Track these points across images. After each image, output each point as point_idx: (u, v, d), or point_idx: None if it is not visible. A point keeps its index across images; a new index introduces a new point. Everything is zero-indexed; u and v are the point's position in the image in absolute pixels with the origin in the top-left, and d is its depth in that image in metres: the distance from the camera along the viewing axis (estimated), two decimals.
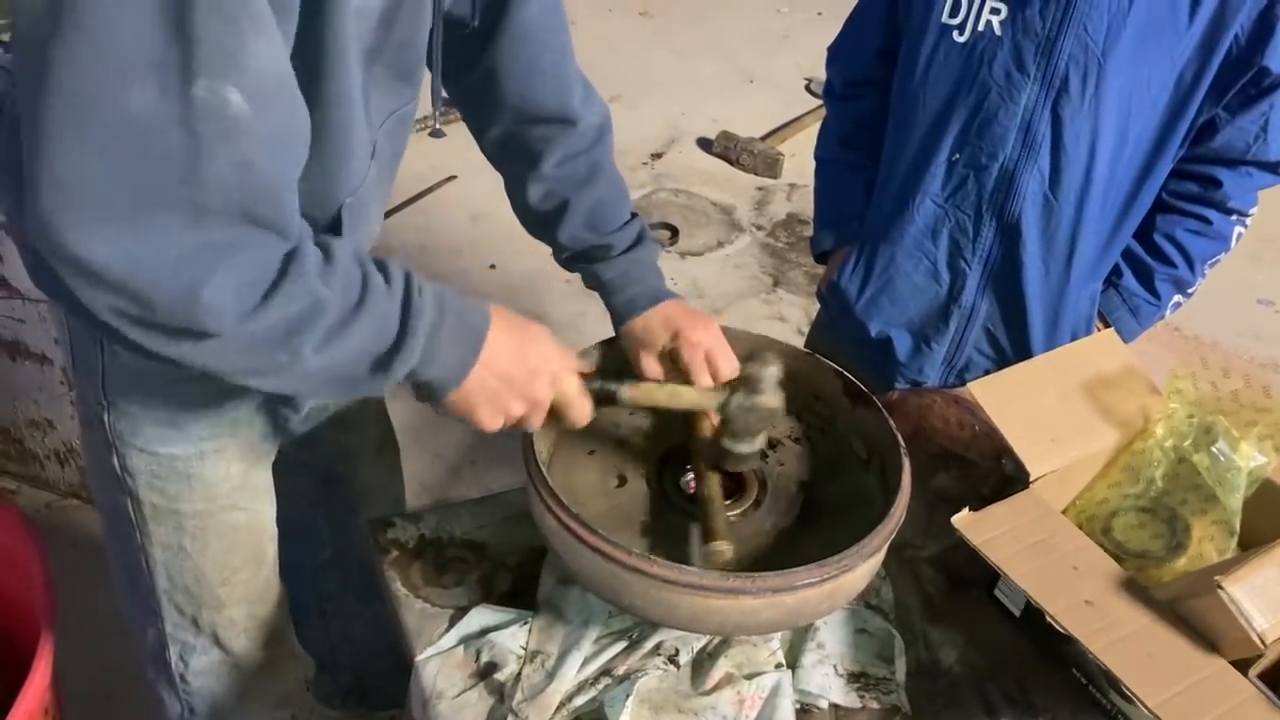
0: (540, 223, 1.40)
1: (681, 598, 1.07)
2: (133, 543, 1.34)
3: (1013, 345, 1.73)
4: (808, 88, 5.03)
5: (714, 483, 1.26)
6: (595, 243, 1.37)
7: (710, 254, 3.81)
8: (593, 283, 1.41)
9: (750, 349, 1.44)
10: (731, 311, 3.50)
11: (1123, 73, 1.47)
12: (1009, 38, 1.50)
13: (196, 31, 0.75)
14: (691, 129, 4.59)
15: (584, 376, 1.20)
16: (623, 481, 1.31)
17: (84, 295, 0.82)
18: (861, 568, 1.13)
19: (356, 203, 1.11)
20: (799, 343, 1.52)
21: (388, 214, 3.54)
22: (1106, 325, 1.72)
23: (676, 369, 1.34)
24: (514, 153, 1.37)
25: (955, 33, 1.54)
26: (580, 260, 1.40)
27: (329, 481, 1.64)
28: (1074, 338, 1.71)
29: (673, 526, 1.24)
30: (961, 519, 1.24)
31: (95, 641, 2.07)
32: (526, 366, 1.10)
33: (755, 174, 4.31)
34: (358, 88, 1.00)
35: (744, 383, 1.25)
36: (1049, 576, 1.19)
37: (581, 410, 1.18)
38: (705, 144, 4.48)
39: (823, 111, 1.97)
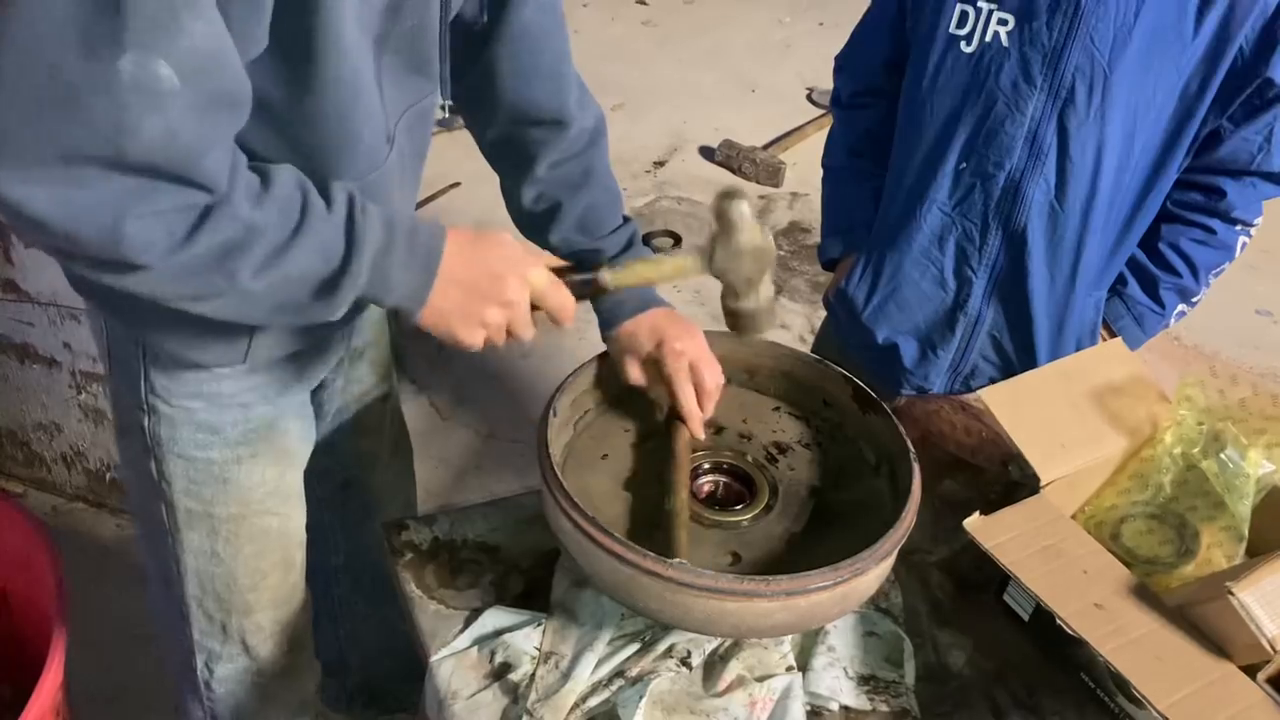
0: (533, 225, 1.40)
1: (696, 600, 1.08)
2: (165, 549, 1.35)
3: (1018, 352, 1.74)
4: (809, 97, 5.04)
5: (682, 498, 1.25)
6: (586, 246, 1.37)
7: None
8: None
9: (750, 353, 1.46)
10: None
11: (1128, 83, 1.49)
12: (1016, 48, 1.51)
13: (129, 6, 0.77)
14: (694, 138, 4.60)
15: (559, 272, 1.18)
16: (635, 485, 1.31)
17: (19, 232, 0.89)
18: (873, 571, 1.14)
19: (366, 189, 1.11)
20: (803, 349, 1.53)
21: None
22: (1111, 333, 1.73)
23: (661, 377, 1.35)
24: (509, 154, 1.38)
25: (963, 43, 1.55)
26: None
27: (345, 486, 1.65)
28: (1079, 345, 1.73)
29: (692, 528, 1.25)
30: (972, 523, 1.25)
31: (103, 644, 2.09)
32: (489, 271, 1.09)
33: (757, 183, 4.32)
34: (364, 75, 1.02)
35: (720, 230, 1.20)
36: (1059, 580, 1.20)
37: (559, 300, 1.16)
38: (707, 152, 4.50)
39: (824, 121, 2.01)
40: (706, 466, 1.35)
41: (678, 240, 3.88)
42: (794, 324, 3.52)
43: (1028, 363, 1.73)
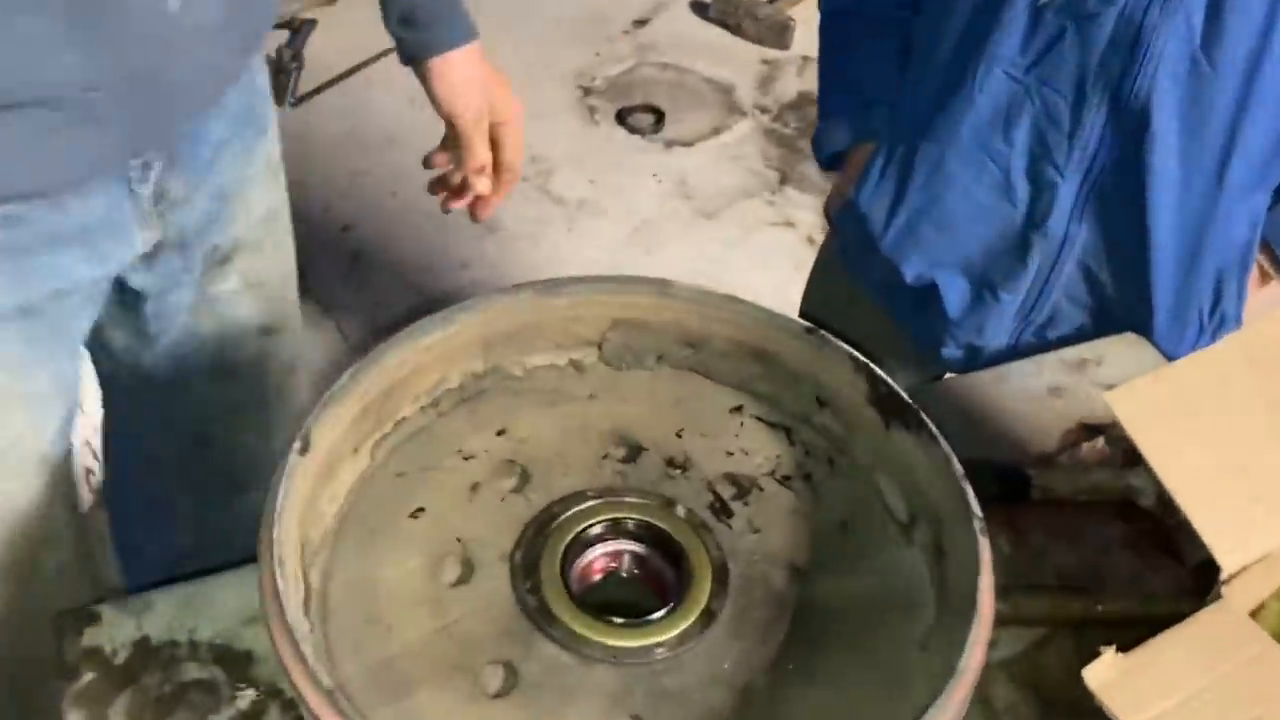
0: None
1: None
2: None
3: (1121, 291, 1.32)
4: None
5: None
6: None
7: (703, 143, 3.48)
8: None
9: (692, 311, 0.89)
10: (727, 215, 3.14)
11: None
12: None
13: None
14: None
15: None
16: (469, 570, 0.75)
17: None
18: None
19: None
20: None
21: (312, 92, 3.17)
22: (1274, 261, 1.33)
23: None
24: None
25: None
26: None
27: (200, 444, 1.38)
28: (1220, 279, 1.32)
29: (558, 666, 0.69)
30: (1098, 672, 0.70)
31: None
32: None
33: (760, 44, 3.97)
34: None
35: None
36: None
37: None
38: (700, 8, 4.13)
39: None
40: (598, 530, 0.79)
41: (660, 117, 3.50)
42: (801, 220, 3.14)
43: (1139, 308, 1.31)
